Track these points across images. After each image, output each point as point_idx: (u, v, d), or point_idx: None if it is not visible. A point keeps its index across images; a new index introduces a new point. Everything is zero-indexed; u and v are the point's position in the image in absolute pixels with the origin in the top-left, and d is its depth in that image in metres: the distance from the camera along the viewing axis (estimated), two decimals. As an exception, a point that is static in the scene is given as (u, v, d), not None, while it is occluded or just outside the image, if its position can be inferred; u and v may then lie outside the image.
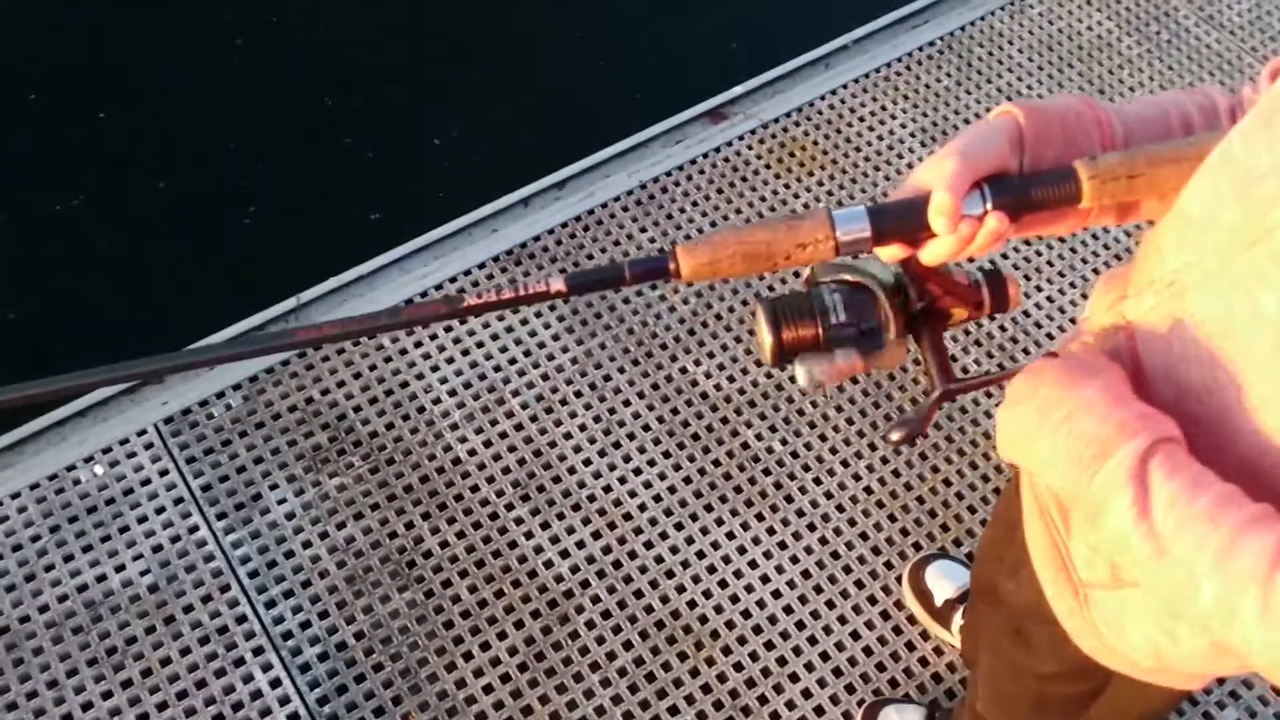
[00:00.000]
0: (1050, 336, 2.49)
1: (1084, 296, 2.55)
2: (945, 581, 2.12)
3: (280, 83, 3.65)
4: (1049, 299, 2.54)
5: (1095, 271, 2.60)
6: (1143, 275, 0.95)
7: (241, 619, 2.04)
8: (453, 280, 2.45)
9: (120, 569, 2.07)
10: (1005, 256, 2.61)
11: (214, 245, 3.29)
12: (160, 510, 2.13)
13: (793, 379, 2.31)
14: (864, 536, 2.21)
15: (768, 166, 2.70)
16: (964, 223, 0.87)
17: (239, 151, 3.49)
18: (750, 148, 2.72)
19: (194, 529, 2.12)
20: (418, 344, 2.37)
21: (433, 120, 3.57)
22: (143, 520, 2.12)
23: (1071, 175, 0.88)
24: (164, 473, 2.17)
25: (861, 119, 2.80)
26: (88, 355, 2.91)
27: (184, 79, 3.62)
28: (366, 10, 3.84)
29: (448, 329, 2.39)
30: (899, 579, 2.16)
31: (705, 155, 2.70)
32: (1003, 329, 2.49)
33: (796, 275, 2.51)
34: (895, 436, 1.00)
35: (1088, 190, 0.88)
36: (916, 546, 2.21)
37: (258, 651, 2.01)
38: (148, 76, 3.62)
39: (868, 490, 2.26)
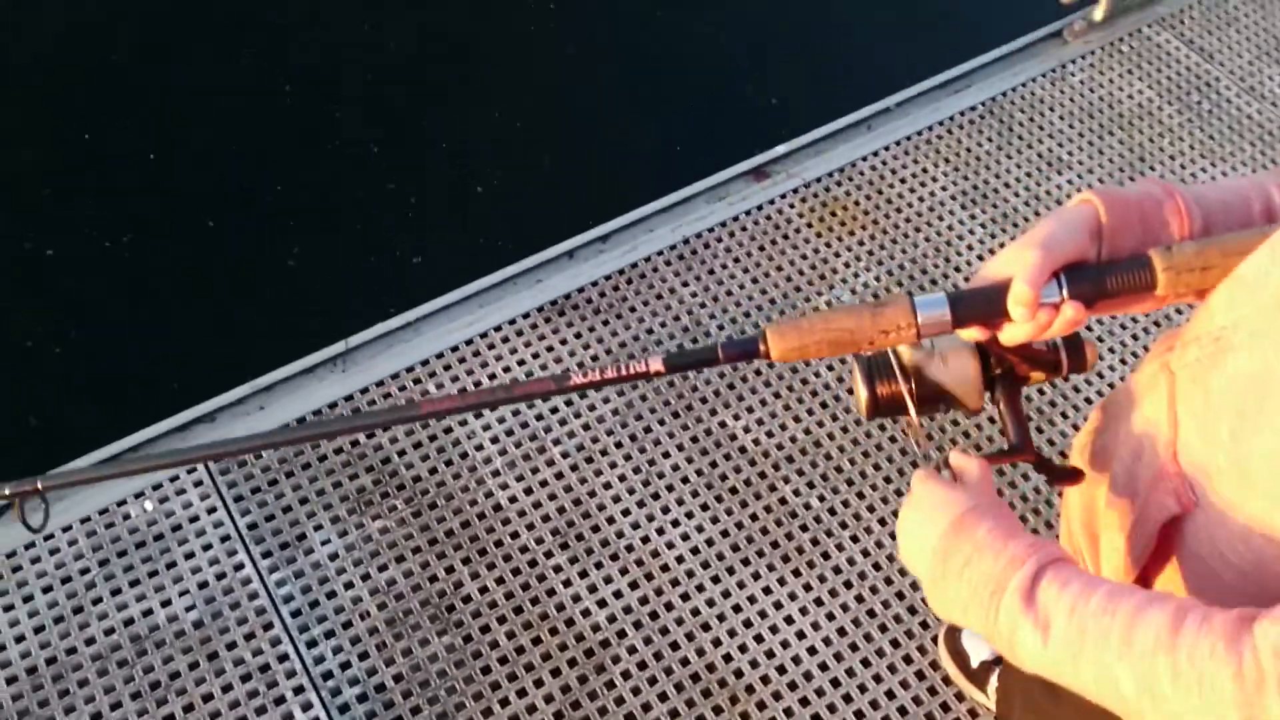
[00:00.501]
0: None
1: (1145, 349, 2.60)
2: (981, 643, 2.14)
3: (327, 128, 3.77)
4: (1122, 361, 2.57)
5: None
6: (1191, 330, 0.99)
7: (283, 657, 2.09)
8: (497, 329, 2.52)
9: (166, 604, 2.13)
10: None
11: (258, 285, 3.38)
12: (207, 547, 2.19)
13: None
14: (900, 596, 2.24)
15: (809, 225, 2.76)
16: (1041, 311, 0.93)
17: (284, 193, 3.60)
18: (792, 206, 2.79)
19: (239, 567, 2.17)
20: (461, 391, 2.43)
21: (477, 167, 3.67)
22: (190, 556, 2.18)
23: (1147, 265, 0.93)
24: (212, 510, 2.23)
25: (903, 180, 2.87)
26: (131, 392, 2.99)
27: (234, 122, 3.74)
28: (414, 58, 3.96)
29: (492, 377, 2.45)
30: (934, 639, 2.19)
31: (748, 213, 2.77)
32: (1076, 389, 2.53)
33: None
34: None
35: (1163, 281, 0.93)
36: (952, 607, 2.23)
37: (298, 690, 2.06)
38: (198, 119, 3.74)
39: (904, 549, 2.29)
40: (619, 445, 2.39)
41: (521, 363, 2.48)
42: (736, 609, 2.20)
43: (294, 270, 3.39)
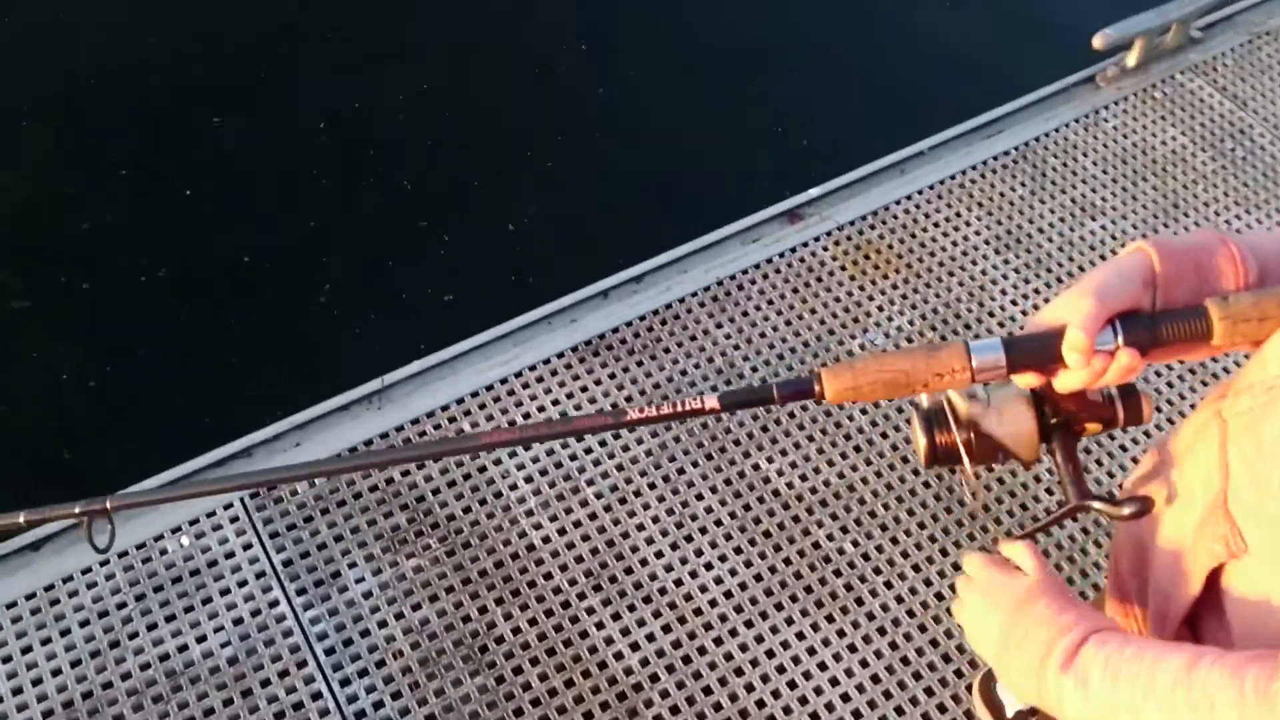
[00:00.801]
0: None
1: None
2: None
3: (360, 165, 3.83)
4: (1180, 413, 2.57)
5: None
6: (1245, 378, 1.00)
7: (317, 695, 2.10)
8: (532, 368, 2.55)
9: (201, 640, 2.15)
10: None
11: (293, 322, 3.43)
12: (243, 584, 2.21)
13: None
14: (934, 643, 2.24)
15: (843, 268, 2.78)
16: (1096, 358, 0.95)
17: (317, 230, 3.66)
18: (825, 249, 2.82)
19: (274, 603, 2.19)
20: (511, 423, 2.45)
21: (509, 206, 3.72)
22: (225, 593, 2.20)
23: (1203, 314, 0.95)
24: (248, 546, 2.26)
25: (936, 224, 2.89)
26: (167, 427, 3.02)
27: (267, 160, 3.81)
28: (445, 99, 4.02)
29: (526, 416, 2.48)
30: (969, 688, 2.18)
31: (781, 255, 2.79)
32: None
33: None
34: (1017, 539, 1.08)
35: (1219, 330, 0.94)
36: (987, 655, 2.23)
37: (330, 729, 2.07)
38: (234, 157, 3.81)
39: (939, 596, 2.29)
40: (652, 486, 2.40)
41: (556, 402, 2.50)
42: (770, 654, 2.20)
43: (328, 307, 3.44)
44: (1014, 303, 2.75)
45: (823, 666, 2.19)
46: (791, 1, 4.47)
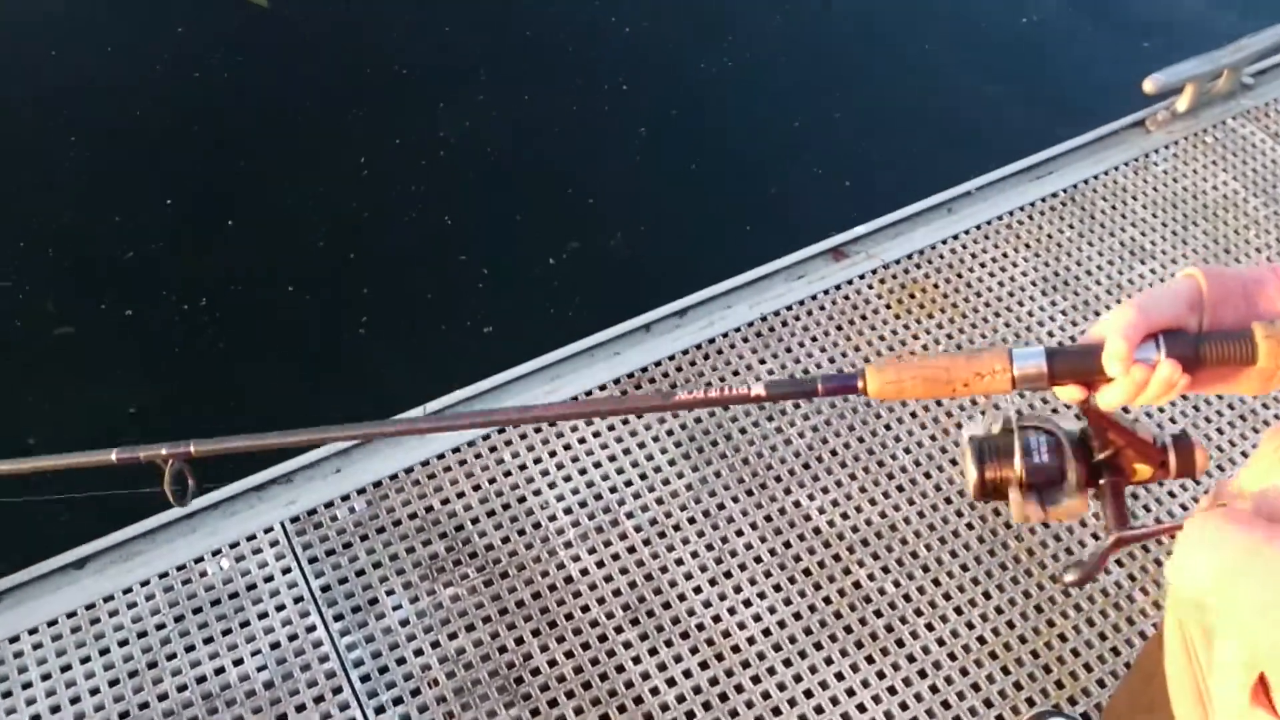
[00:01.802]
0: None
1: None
2: (1062, 741, 2.14)
3: (401, 200, 3.92)
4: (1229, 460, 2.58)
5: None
6: None
7: (351, 722, 2.14)
8: (574, 399, 2.59)
9: (238, 663, 2.19)
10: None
11: (331, 352, 3.50)
12: (280, 608, 2.26)
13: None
14: (975, 687, 2.24)
15: (888, 306, 2.82)
16: (1137, 368, 0.96)
17: (358, 261, 3.74)
18: (870, 287, 2.86)
19: (311, 629, 2.23)
20: (536, 460, 2.50)
21: (549, 241, 3.80)
22: (263, 616, 2.25)
23: (1248, 335, 0.96)
24: (286, 570, 2.30)
25: (983, 264, 2.92)
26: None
27: (309, 193, 3.91)
28: (485, 133, 4.12)
29: (566, 447, 2.52)
30: (1012, 734, 2.18)
31: (826, 292, 2.83)
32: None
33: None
34: (1069, 578, 1.08)
35: (1264, 351, 0.95)
36: (1030, 702, 2.22)
37: (364, 757, 2.10)
38: (275, 189, 3.92)
39: (981, 640, 2.30)
40: (692, 520, 2.43)
41: (596, 434, 2.54)
42: (808, 694, 2.21)
43: (368, 339, 3.52)
44: (1060, 345, 2.77)
45: (862, 708, 2.20)
46: (842, 39, 4.56)
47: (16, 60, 4.24)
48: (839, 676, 2.23)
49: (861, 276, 2.86)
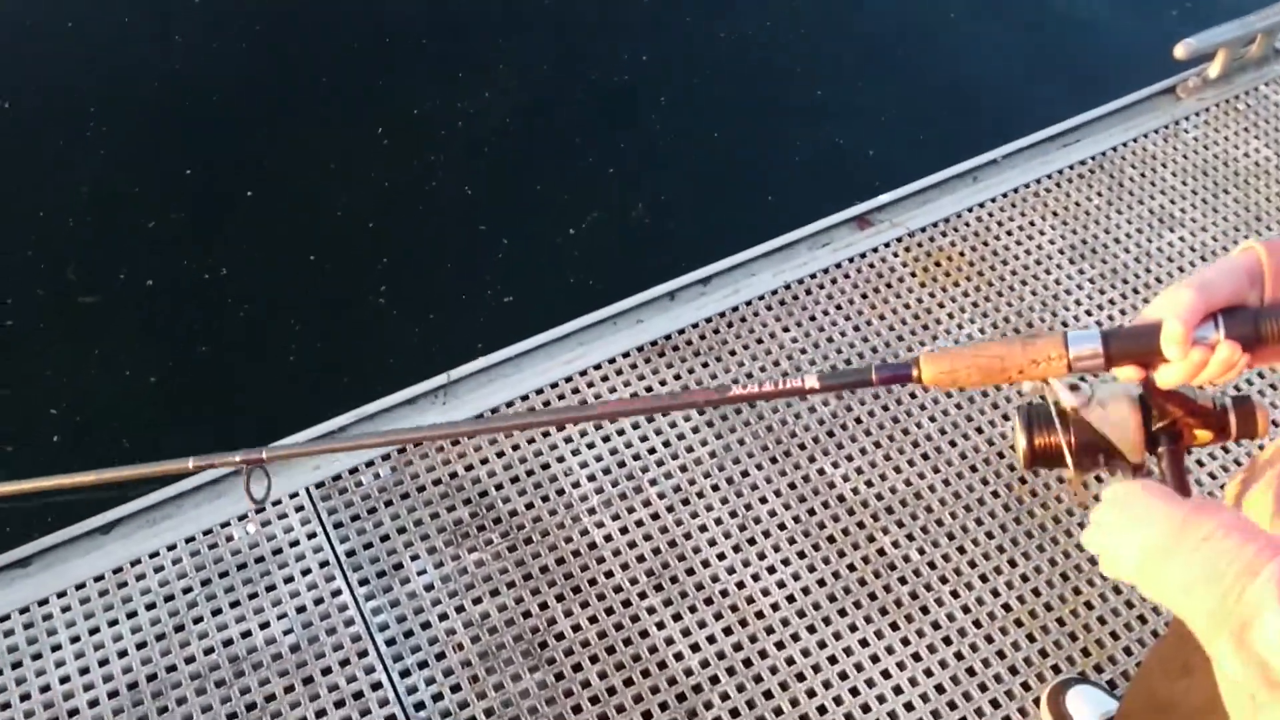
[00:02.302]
0: None
1: None
2: (1086, 707, 2.14)
3: (421, 169, 3.93)
4: None
5: None
6: None
7: (377, 685, 2.16)
8: (597, 367, 2.61)
9: (264, 626, 2.22)
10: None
11: (354, 321, 3.53)
12: (306, 572, 2.29)
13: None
14: (1001, 654, 2.26)
15: (913, 275, 2.82)
16: (1196, 350, 0.95)
17: (377, 231, 3.76)
18: (895, 255, 2.86)
19: (337, 593, 2.27)
20: (560, 427, 2.52)
21: (568, 210, 3.81)
22: (289, 580, 2.28)
23: None
24: (312, 535, 2.33)
25: (1009, 233, 2.92)
26: (231, 419, 3.12)
27: (329, 163, 3.93)
28: (504, 104, 4.12)
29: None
30: (1036, 701, 2.18)
31: (850, 260, 2.83)
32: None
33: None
34: None
35: None
36: (1055, 669, 2.24)
37: (390, 719, 2.13)
38: (295, 160, 3.94)
39: (1006, 607, 2.31)
40: (715, 488, 2.45)
41: (620, 402, 2.56)
42: (832, 660, 2.23)
43: (387, 307, 3.54)
44: (1088, 313, 2.77)
45: (886, 674, 2.22)
46: (866, 6, 4.54)
47: (37, 33, 4.26)
48: (863, 642, 2.25)
49: (886, 245, 2.87)
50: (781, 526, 2.40)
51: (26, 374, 3.32)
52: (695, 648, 2.23)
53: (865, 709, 2.17)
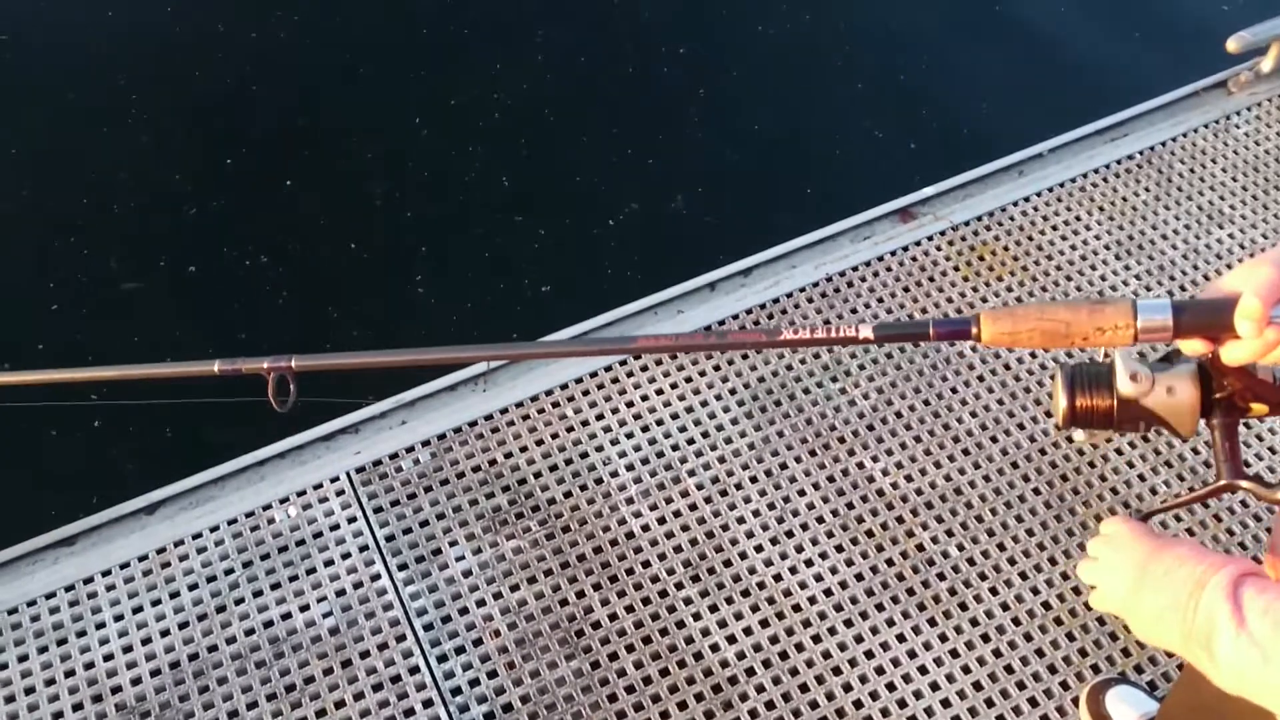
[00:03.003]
0: None
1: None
2: (1127, 708, 2.14)
3: (458, 160, 3.98)
4: None
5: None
6: None
7: (414, 670, 2.20)
8: (637, 357, 2.64)
9: (305, 609, 2.27)
10: None
11: (390, 309, 3.58)
12: (346, 556, 2.33)
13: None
14: (1040, 653, 2.26)
15: (956, 269, 2.83)
16: (1271, 328, 0.93)
17: (416, 219, 3.81)
18: (939, 248, 2.86)
19: (376, 577, 2.31)
20: (599, 416, 2.55)
21: (606, 201, 3.84)
22: (329, 564, 2.32)
23: None
24: (352, 519, 2.38)
25: (1054, 227, 2.92)
26: (260, 408, 3.17)
27: (367, 153, 3.98)
28: (543, 94, 4.16)
29: (629, 404, 2.57)
30: (1075, 701, 2.19)
31: (893, 253, 2.85)
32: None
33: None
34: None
35: None
36: (1095, 669, 2.24)
37: (427, 704, 2.17)
38: (333, 150, 3.99)
39: (1046, 605, 2.32)
40: (754, 480, 2.47)
41: (659, 391, 2.59)
42: (869, 655, 2.25)
43: (426, 296, 3.59)
44: (1134, 310, 2.76)
45: (923, 670, 2.23)
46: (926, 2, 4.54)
47: (76, 21, 4.34)
48: (900, 638, 2.27)
49: (930, 238, 2.87)
50: (820, 520, 2.41)
51: (69, 360, 3.39)
52: (731, 640, 2.26)
53: (901, 704, 2.19)
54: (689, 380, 2.61)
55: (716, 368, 2.64)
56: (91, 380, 1.38)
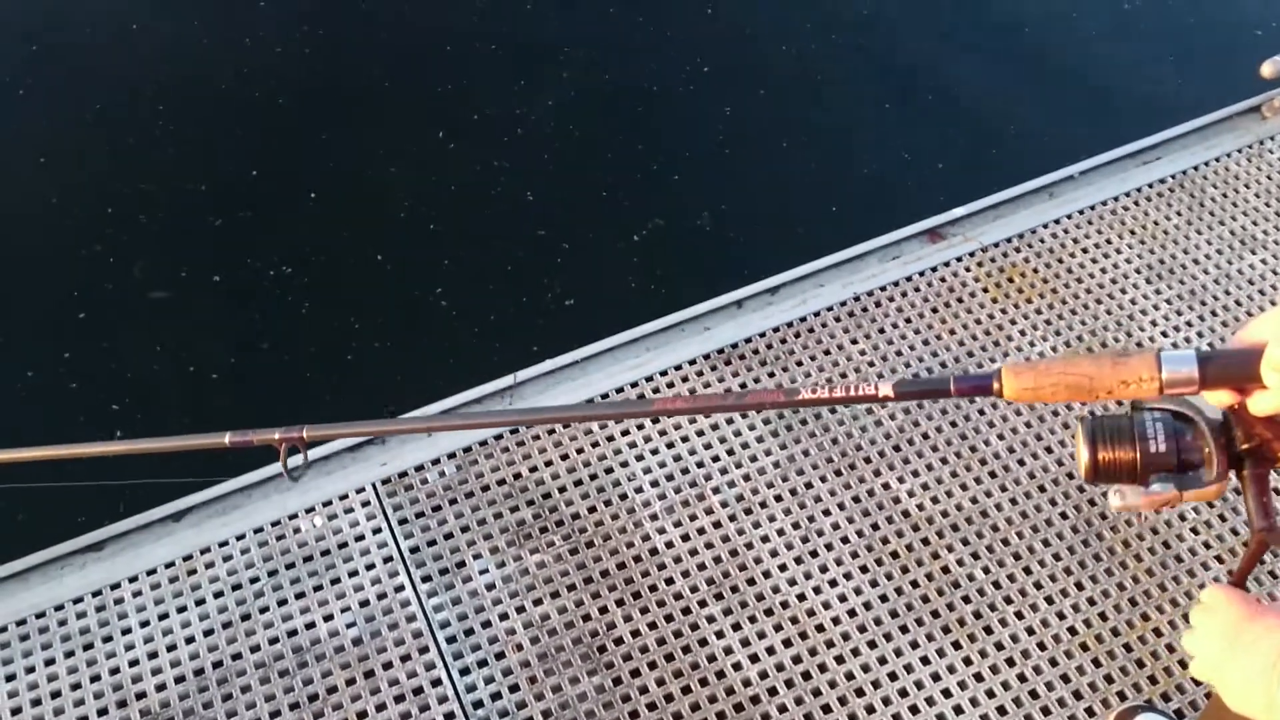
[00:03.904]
0: None
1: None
2: (1156, 736, 2.17)
3: (482, 174, 4.04)
4: None
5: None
6: None
7: (437, 682, 2.24)
8: (663, 373, 2.67)
9: (328, 618, 2.31)
10: None
11: (412, 321, 3.63)
12: (370, 566, 2.38)
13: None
14: (1065, 678, 2.28)
15: (985, 290, 2.87)
16: None
17: (439, 233, 3.87)
18: (968, 269, 2.90)
19: (400, 588, 2.35)
20: (625, 433, 2.59)
21: (630, 217, 3.89)
22: (353, 574, 2.37)
23: None
24: (377, 530, 2.42)
25: (1085, 250, 2.95)
26: (299, 411, 3.23)
27: (391, 166, 4.05)
28: (567, 112, 4.22)
29: (655, 421, 2.61)
30: (1101, 728, 2.22)
31: (921, 274, 2.88)
32: None
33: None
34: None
35: None
36: (1121, 695, 2.26)
37: (449, 717, 2.20)
38: (358, 163, 4.06)
39: (1072, 630, 2.34)
40: (779, 499, 2.50)
41: (684, 409, 2.63)
42: (892, 676, 2.27)
43: (447, 309, 3.64)
44: (1164, 334, 2.79)
45: (947, 694, 2.25)
46: (932, 23, 4.59)
47: (103, 33, 4.43)
48: (924, 660, 2.29)
49: (959, 259, 2.91)
50: (844, 539, 2.44)
51: (93, 369, 3.46)
52: (754, 659, 2.29)
53: (925, 727, 2.21)
54: (715, 397, 2.65)
55: (743, 385, 2.67)
56: (97, 455, 1.41)
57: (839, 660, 2.29)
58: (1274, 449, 1.01)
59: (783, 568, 2.40)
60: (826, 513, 2.48)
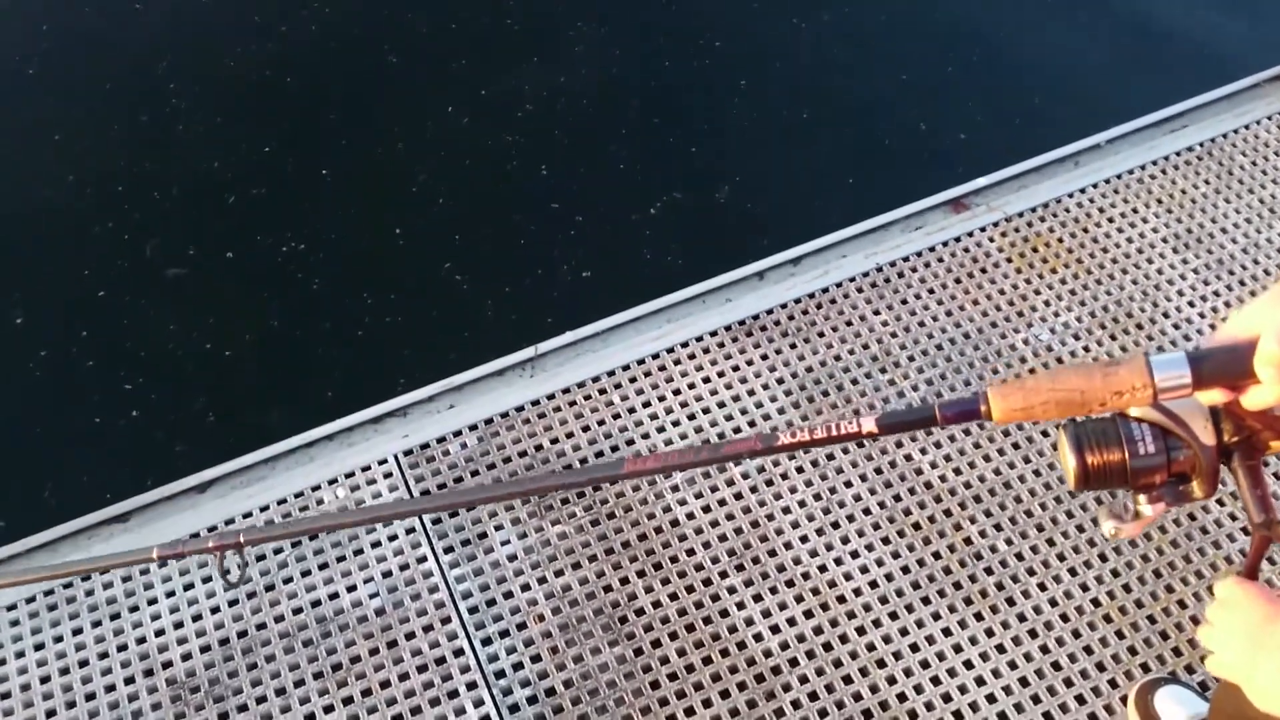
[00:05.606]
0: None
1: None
2: (1177, 708, 2.20)
3: (496, 148, 4.10)
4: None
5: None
6: None
7: (459, 652, 2.32)
8: (684, 345, 2.74)
9: (352, 589, 2.39)
10: None
11: (425, 295, 3.71)
12: (393, 538, 2.46)
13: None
14: (1088, 650, 2.35)
15: (1009, 260, 2.92)
16: None
17: (453, 206, 3.94)
18: (991, 239, 2.96)
19: (422, 559, 2.43)
20: (646, 404, 2.66)
21: (646, 190, 3.95)
22: (376, 545, 2.45)
23: None
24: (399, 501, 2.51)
25: (1110, 220, 3.00)
26: (318, 388, 3.31)
27: (403, 142, 4.12)
28: (580, 88, 4.27)
29: (676, 392, 2.68)
30: (1123, 699, 2.25)
31: (945, 244, 2.93)
32: None
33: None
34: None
35: None
36: (1145, 668, 2.32)
37: (471, 686, 2.29)
38: (370, 142, 4.13)
39: (1095, 602, 2.40)
40: (800, 469, 2.57)
41: (706, 380, 2.70)
42: (914, 647, 2.34)
43: (460, 283, 3.71)
44: (1191, 304, 2.84)
45: (969, 665, 2.32)
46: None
47: (115, 10, 4.51)
48: (946, 631, 2.36)
49: (982, 229, 2.96)
50: (866, 511, 2.51)
51: (109, 347, 3.55)
52: (775, 629, 2.36)
53: (946, 698, 2.27)
54: (736, 369, 2.72)
55: (764, 356, 2.74)
56: (36, 580, 1.39)
57: (860, 631, 2.35)
58: (1263, 439, 1.02)
59: (804, 539, 2.47)
60: (848, 484, 2.55)
